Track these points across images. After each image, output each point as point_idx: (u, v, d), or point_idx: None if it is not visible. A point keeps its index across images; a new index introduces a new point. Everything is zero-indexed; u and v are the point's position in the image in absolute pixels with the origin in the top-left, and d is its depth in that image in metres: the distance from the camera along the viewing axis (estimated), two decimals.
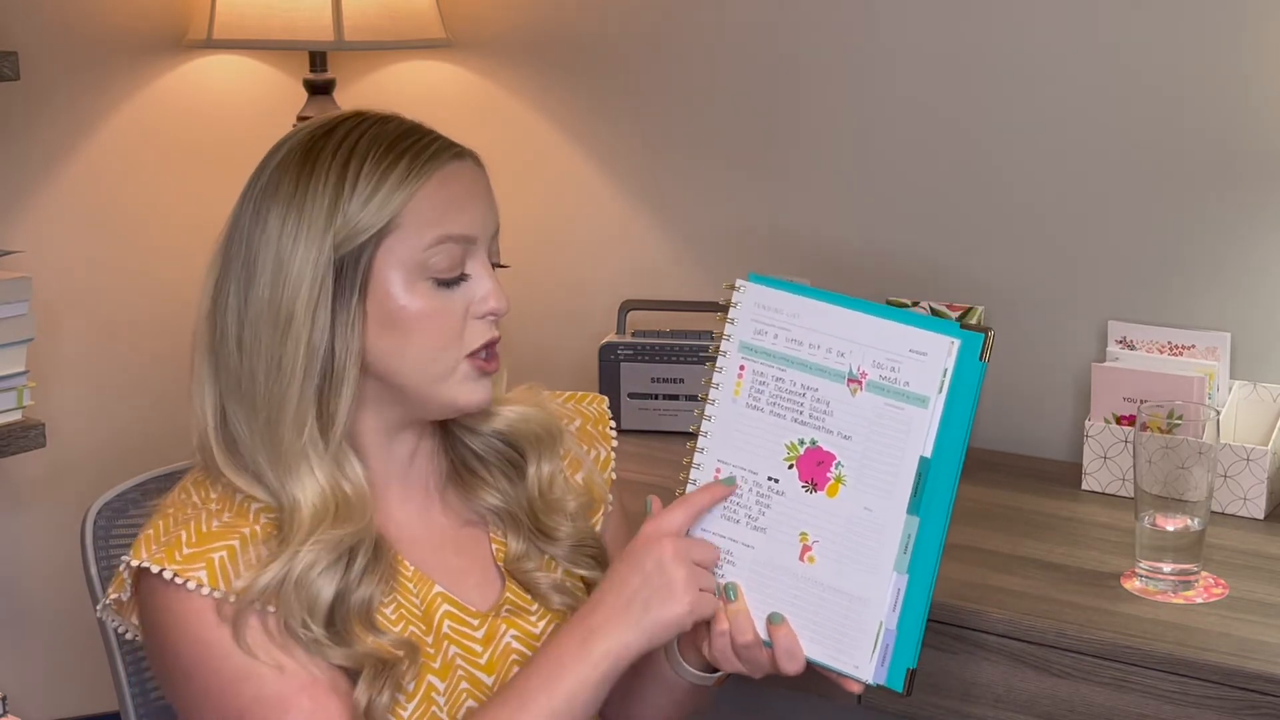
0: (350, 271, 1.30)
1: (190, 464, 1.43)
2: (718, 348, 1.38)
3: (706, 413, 1.38)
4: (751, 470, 1.35)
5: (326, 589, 1.28)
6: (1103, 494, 1.95)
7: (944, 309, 2.04)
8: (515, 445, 1.45)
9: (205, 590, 1.26)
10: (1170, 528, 1.62)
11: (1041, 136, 2.10)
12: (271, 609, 1.27)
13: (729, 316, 1.38)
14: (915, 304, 2.05)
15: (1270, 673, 1.45)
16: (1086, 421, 1.96)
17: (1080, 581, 1.66)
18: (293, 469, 1.30)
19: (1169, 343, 1.97)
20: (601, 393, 2.20)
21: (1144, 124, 2.03)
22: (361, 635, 1.29)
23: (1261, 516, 1.85)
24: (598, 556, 1.47)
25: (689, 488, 1.39)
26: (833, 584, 1.31)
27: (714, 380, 1.38)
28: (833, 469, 1.32)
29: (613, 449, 1.55)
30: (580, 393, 1.58)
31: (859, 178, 2.26)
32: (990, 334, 1.28)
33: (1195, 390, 1.88)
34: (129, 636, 1.40)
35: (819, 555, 1.31)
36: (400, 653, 1.31)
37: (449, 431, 1.44)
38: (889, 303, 2.07)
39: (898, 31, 2.19)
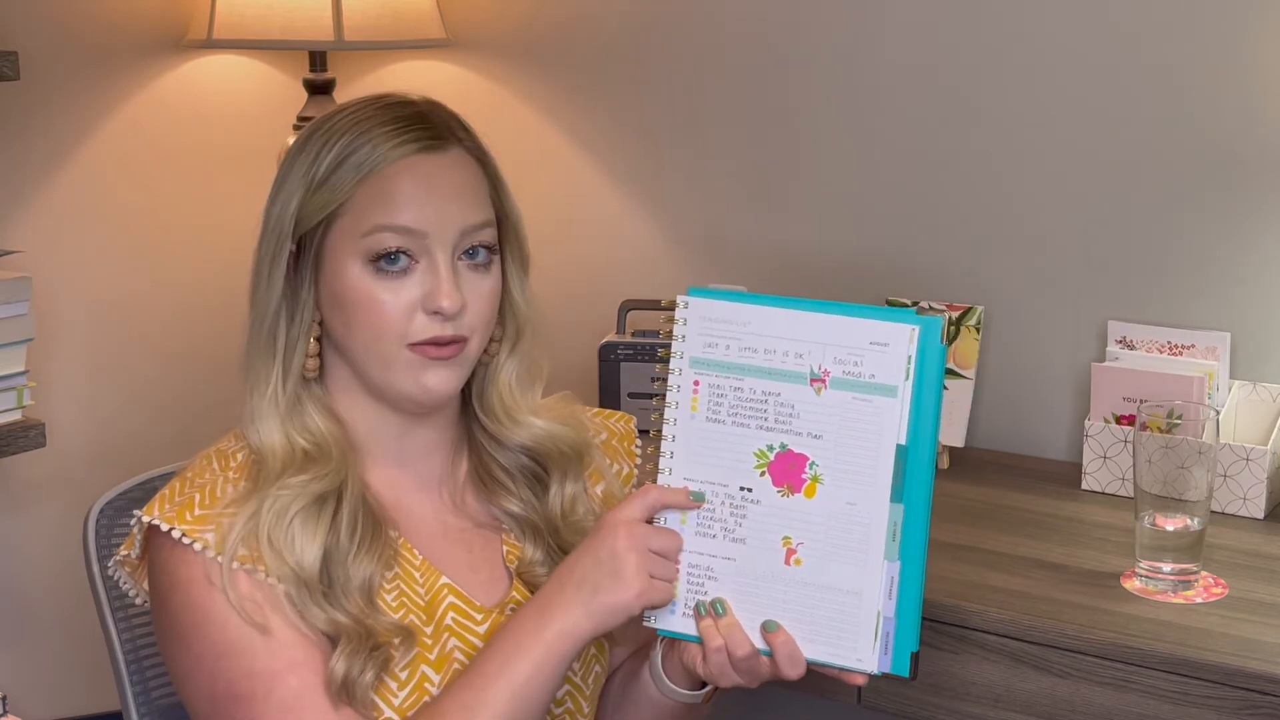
0: (309, 246, 1.35)
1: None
2: (666, 367, 1.38)
3: (665, 433, 1.36)
4: (722, 484, 1.34)
5: (310, 544, 1.29)
6: (1103, 494, 1.95)
7: (943, 309, 2.04)
8: (540, 462, 1.45)
9: (210, 553, 1.28)
10: (1170, 527, 1.62)
11: (1041, 137, 2.10)
12: (262, 572, 1.28)
13: (675, 334, 1.37)
14: (915, 304, 2.05)
15: (1270, 673, 1.45)
16: (1086, 421, 1.96)
17: (1080, 581, 1.66)
18: (255, 414, 1.35)
19: (1169, 342, 1.97)
20: (601, 392, 2.22)
21: (1144, 124, 2.03)
22: (359, 607, 1.30)
23: (1261, 516, 1.85)
24: None
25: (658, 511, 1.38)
26: (823, 582, 1.31)
27: (668, 399, 1.37)
28: (807, 469, 1.32)
29: (636, 467, 1.55)
30: (609, 410, 1.59)
31: (859, 178, 2.26)
32: (948, 316, 1.29)
33: (1195, 390, 1.88)
34: (139, 600, 1.41)
35: (805, 556, 1.32)
36: (396, 639, 1.31)
37: (473, 437, 1.45)
38: (888, 303, 2.07)
39: (897, 32, 2.19)
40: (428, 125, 1.36)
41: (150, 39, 2.48)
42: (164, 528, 1.29)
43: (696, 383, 1.36)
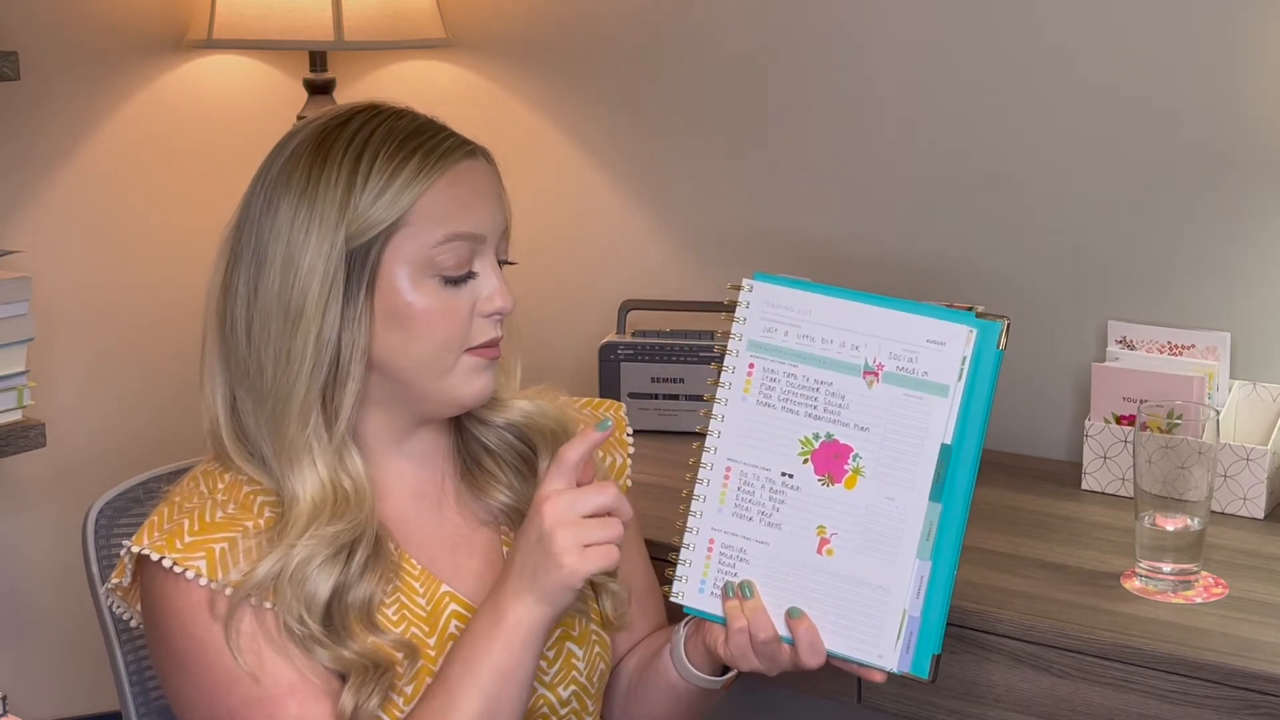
0: (359, 267, 1.31)
1: (194, 461, 1.43)
2: (724, 347, 1.38)
3: (715, 412, 1.38)
4: (764, 467, 1.35)
5: (324, 585, 1.28)
6: (1103, 494, 1.95)
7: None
8: (527, 440, 1.45)
9: (203, 581, 1.27)
10: (1170, 528, 1.62)
11: (1041, 136, 2.10)
12: (269, 604, 1.27)
13: (737, 316, 1.38)
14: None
15: (1270, 673, 1.45)
16: (1086, 421, 1.96)
17: (1080, 581, 1.66)
18: (294, 461, 1.31)
19: (1169, 342, 1.97)
20: (601, 392, 2.21)
21: (1144, 124, 2.03)
22: (360, 634, 1.29)
23: (1261, 516, 1.85)
24: None
25: (697, 488, 1.38)
26: (853, 575, 1.32)
27: (722, 379, 1.38)
28: (850, 461, 1.32)
29: (629, 456, 1.55)
30: (597, 399, 1.58)
31: (859, 178, 2.26)
32: (1007, 322, 1.30)
33: (1195, 390, 1.88)
34: (134, 624, 1.40)
35: (838, 547, 1.32)
36: (399, 654, 1.31)
37: (462, 427, 1.44)
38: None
39: (898, 32, 2.19)
40: (452, 131, 1.37)
41: (150, 39, 2.48)
42: (154, 557, 1.28)
43: (751, 365, 1.37)
